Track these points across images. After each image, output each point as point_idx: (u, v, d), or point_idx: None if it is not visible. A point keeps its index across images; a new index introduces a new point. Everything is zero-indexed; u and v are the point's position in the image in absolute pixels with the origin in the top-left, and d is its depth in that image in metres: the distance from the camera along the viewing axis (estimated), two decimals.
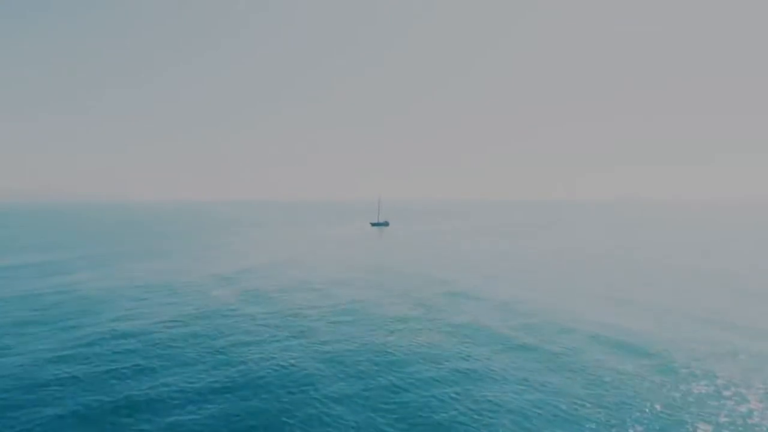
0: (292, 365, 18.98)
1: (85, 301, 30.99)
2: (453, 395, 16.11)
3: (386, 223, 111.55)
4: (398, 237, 79.80)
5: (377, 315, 26.86)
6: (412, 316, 26.41)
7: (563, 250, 59.51)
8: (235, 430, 13.86)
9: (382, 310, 28.08)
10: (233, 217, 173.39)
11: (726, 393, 16.15)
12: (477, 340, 21.96)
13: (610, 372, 18.03)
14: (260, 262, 48.59)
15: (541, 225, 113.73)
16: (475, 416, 14.62)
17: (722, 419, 14.31)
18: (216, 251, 59.07)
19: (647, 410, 14.90)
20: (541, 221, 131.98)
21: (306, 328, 24.23)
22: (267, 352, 20.46)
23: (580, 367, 18.58)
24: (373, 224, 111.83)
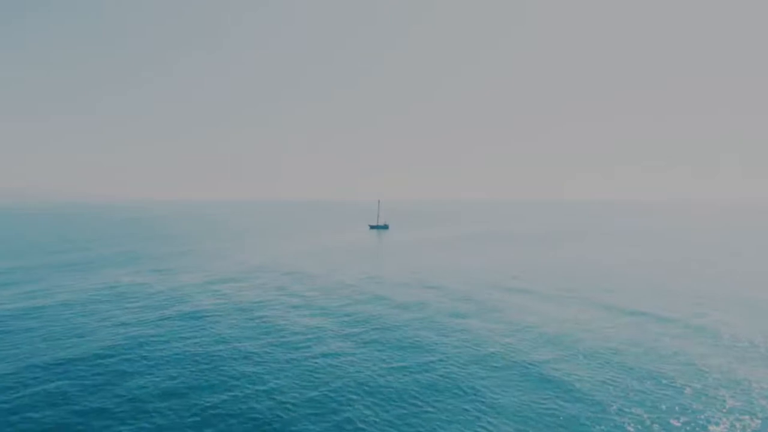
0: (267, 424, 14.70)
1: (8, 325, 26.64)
2: None
3: (386, 227, 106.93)
4: (399, 243, 75.47)
5: (376, 347, 22.57)
6: (421, 355, 22.11)
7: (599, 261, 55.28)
8: None
9: (382, 337, 23.78)
10: (227, 218, 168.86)
11: None
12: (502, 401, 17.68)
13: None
14: (239, 271, 44.23)
15: (554, 230, 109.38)
16: None
17: None
18: (194, 256, 54.65)
19: None
20: (551, 225, 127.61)
21: (282, 361, 19.92)
22: (234, 403, 16.17)
23: None
24: (372, 227, 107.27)
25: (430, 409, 15.77)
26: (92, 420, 15.11)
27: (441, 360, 20.36)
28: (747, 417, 15.13)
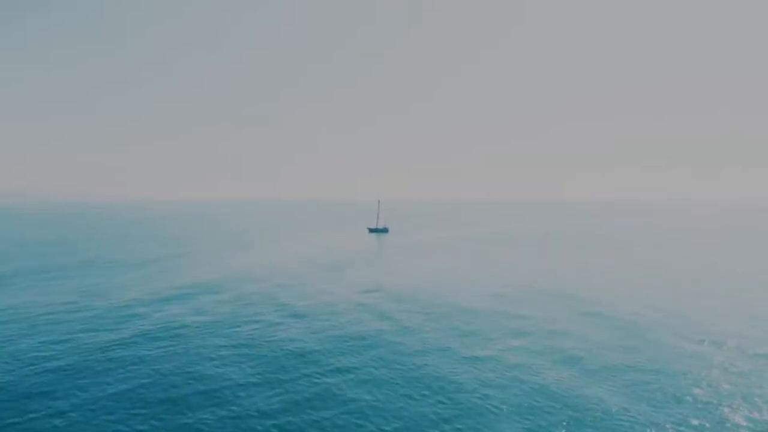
0: None
1: None
2: None
3: (385, 230, 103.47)
4: (400, 248, 72.10)
5: (376, 391, 19.23)
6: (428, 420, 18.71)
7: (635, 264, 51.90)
8: None
9: (383, 376, 20.45)
10: (226, 218, 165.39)
11: None
12: None
13: None
14: (225, 279, 40.76)
15: (557, 232, 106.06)
16: None
17: None
18: (181, 261, 51.24)
19: None
20: (553, 226, 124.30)
21: (259, 410, 16.56)
22: None
23: None
24: (371, 230, 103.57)
25: None
26: None
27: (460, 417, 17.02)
28: None
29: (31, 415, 16.25)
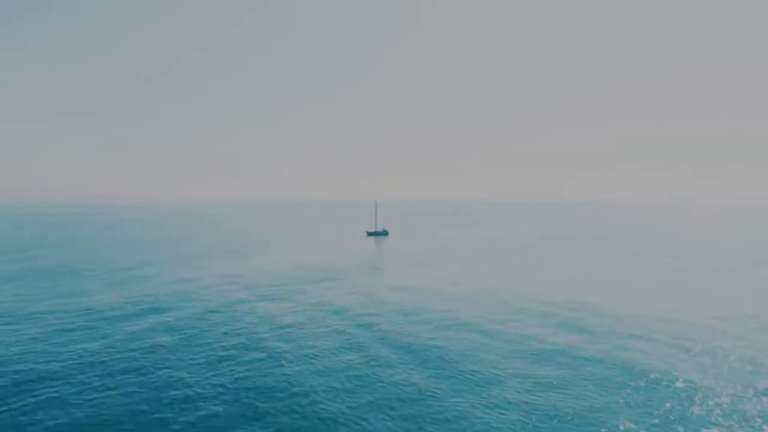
0: None
1: None
2: None
3: (385, 233, 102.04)
4: (401, 253, 71.13)
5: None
6: None
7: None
8: None
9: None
10: (220, 219, 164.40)
11: None
12: None
13: None
14: (206, 288, 39.91)
15: (561, 235, 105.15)
16: None
17: None
18: (155, 268, 50.41)
19: None
20: (559, 229, 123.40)
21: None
22: None
23: None
24: (370, 234, 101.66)
25: None
26: None
27: None
28: None
29: None
